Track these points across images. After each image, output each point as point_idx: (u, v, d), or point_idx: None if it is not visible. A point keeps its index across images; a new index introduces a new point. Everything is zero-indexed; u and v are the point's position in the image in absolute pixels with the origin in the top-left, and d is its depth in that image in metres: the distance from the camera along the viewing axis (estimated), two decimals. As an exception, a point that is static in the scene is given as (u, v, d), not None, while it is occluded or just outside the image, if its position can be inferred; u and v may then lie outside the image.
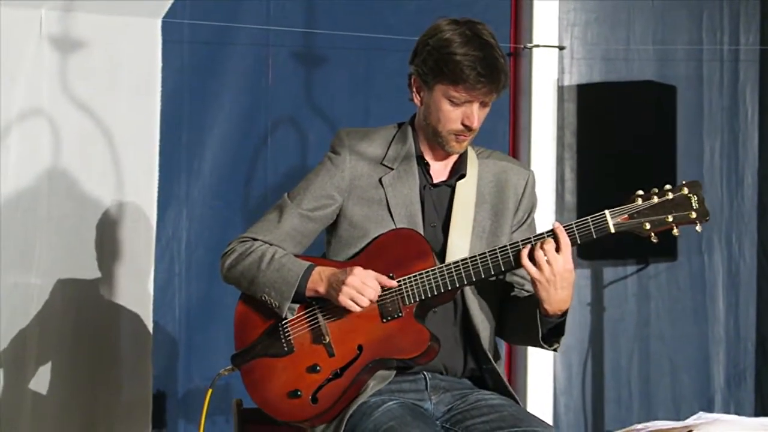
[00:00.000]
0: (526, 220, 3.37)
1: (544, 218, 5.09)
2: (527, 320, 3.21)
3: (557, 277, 3.10)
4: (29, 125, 4.41)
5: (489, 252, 3.15)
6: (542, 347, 3.25)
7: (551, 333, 3.24)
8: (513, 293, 3.36)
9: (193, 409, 4.71)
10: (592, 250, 5.16)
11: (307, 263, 3.24)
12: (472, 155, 3.36)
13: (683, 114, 5.22)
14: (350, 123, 3.41)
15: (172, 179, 4.70)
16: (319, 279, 3.21)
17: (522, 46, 5.11)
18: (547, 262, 3.09)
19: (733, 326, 5.33)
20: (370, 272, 3.16)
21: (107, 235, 4.55)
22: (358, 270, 3.16)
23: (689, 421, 3.50)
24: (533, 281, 3.12)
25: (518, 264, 3.13)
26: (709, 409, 5.10)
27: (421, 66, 3.23)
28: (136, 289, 4.60)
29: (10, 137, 4.38)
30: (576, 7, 5.19)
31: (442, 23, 3.23)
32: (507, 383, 3.32)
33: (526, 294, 3.32)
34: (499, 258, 3.15)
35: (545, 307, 3.15)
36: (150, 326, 4.61)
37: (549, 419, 4.98)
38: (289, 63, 4.85)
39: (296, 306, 3.25)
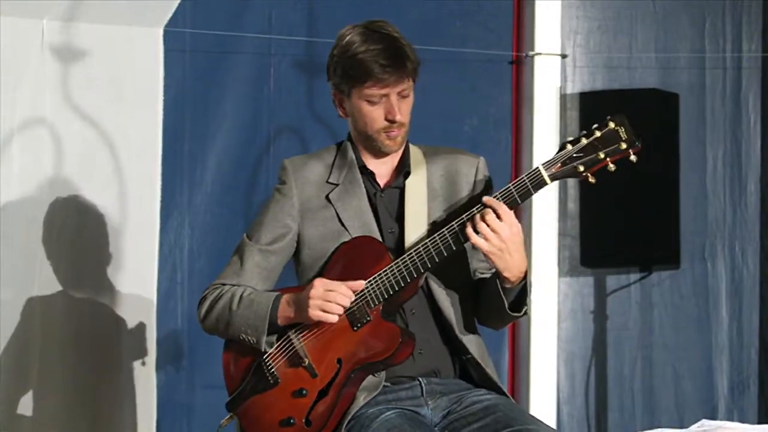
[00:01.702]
0: None
1: (548, 226, 5.10)
2: (493, 296, 3.22)
3: (507, 243, 3.11)
4: (31, 135, 4.42)
5: (438, 234, 3.16)
6: (513, 317, 3.25)
7: (518, 300, 3.25)
8: (480, 277, 3.35)
9: (197, 416, 4.70)
10: (595, 258, 5.17)
11: (275, 293, 3.26)
12: (417, 154, 3.37)
13: (686, 122, 5.22)
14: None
15: (174, 188, 4.70)
16: (287, 305, 3.22)
17: (524, 54, 5.11)
18: (493, 231, 3.10)
19: (736, 334, 5.32)
20: (333, 281, 3.17)
21: (110, 245, 4.56)
22: (317, 281, 3.17)
23: (692, 429, 3.50)
24: (486, 255, 3.13)
25: (466, 238, 3.13)
26: (713, 417, 5.09)
27: (334, 77, 3.28)
28: (139, 299, 4.60)
29: (12, 147, 4.39)
30: (578, 15, 5.20)
31: (344, 30, 3.28)
32: (489, 373, 3.31)
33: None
34: (448, 236, 3.15)
35: (505, 275, 3.16)
36: (153, 335, 4.61)
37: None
38: (291, 71, 4.86)
39: (274, 338, 3.26)
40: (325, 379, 3.20)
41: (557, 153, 3.14)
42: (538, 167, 3.13)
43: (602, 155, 3.11)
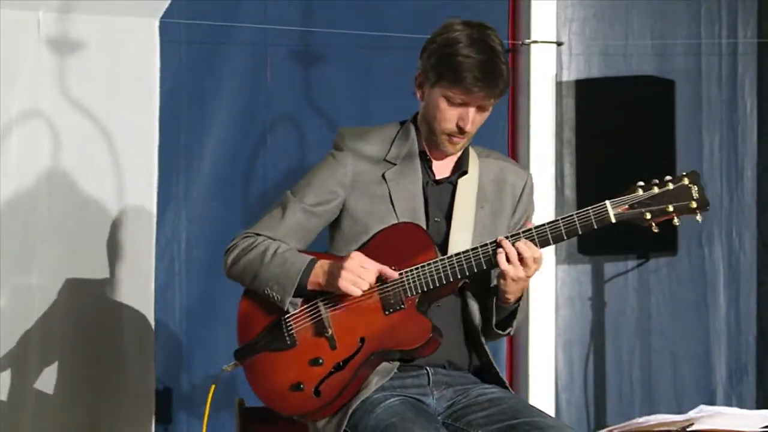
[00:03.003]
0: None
1: (544, 214, 5.09)
2: (486, 311, 3.28)
3: (531, 274, 3.18)
4: (29, 127, 4.42)
5: (490, 242, 3.17)
6: (498, 335, 3.31)
7: (505, 320, 3.30)
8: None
9: (196, 406, 4.71)
10: (593, 245, 5.17)
11: (310, 257, 3.25)
12: (472, 153, 3.39)
13: (682, 108, 5.22)
14: (349, 121, 3.42)
15: (171, 179, 4.70)
16: (321, 271, 3.22)
17: (520, 42, 5.11)
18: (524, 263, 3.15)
19: (734, 320, 5.33)
20: (370, 260, 3.17)
21: (108, 236, 4.56)
22: (355, 254, 3.18)
23: (690, 414, 3.51)
24: (507, 278, 3.16)
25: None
26: (711, 402, 5.10)
27: (426, 62, 3.26)
28: (138, 290, 4.60)
29: (9, 139, 4.39)
30: (574, 2, 5.19)
31: (455, 23, 3.25)
32: (504, 378, 3.35)
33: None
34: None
35: (507, 297, 3.21)
36: (152, 326, 4.61)
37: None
38: (287, 62, 4.85)
39: (299, 300, 3.25)
40: (343, 354, 3.20)
41: (626, 194, 3.14)
42: (605, 203, 3.14)
43: (671, 208, 3.12)
